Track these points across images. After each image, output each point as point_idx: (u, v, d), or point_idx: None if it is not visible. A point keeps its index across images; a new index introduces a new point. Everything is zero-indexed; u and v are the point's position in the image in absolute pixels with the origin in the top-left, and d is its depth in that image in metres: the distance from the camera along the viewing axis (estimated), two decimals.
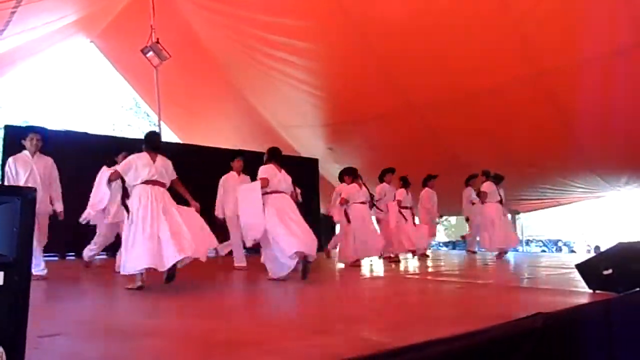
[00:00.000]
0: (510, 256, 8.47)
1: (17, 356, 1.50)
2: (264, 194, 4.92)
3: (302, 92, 9.58)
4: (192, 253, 4.05)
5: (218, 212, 6.39)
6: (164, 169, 4.41)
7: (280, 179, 5.06)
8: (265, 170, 5.01)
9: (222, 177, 6.53)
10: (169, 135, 13.11)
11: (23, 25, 6.83)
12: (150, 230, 4.02)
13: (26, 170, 4.97)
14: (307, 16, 7.73)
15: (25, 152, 5.10)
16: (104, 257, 7.59)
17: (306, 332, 2.54)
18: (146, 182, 4.25)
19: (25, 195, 1.54)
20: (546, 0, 6.13)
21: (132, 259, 4.02)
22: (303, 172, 10.40)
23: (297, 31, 8.01)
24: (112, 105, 25.11)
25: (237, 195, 5.25)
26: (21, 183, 4.80)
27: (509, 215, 9.32)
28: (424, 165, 7.63)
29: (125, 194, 4.35)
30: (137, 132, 23.68)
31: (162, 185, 4.36)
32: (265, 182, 4.91)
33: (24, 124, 16.86)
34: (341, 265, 6.69)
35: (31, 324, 1.60)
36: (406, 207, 7.81)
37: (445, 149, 8.89)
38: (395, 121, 8.98)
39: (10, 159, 5.05)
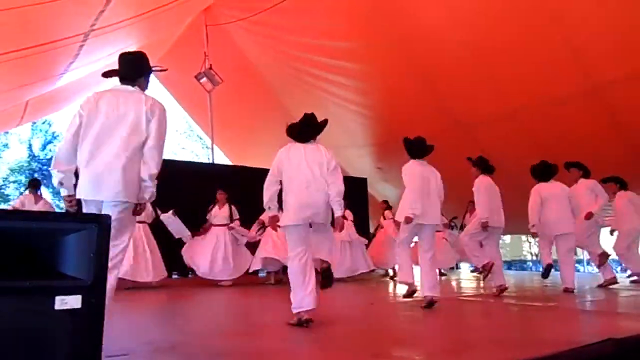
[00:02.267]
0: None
1: None
2: None
3: (351, 112, 9.64)
4: None
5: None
6: None
7: None
8: None
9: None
10: (221, 158, 13.48)
11: (89, 57, 7.28)
12: None
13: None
14: (354, 38, 7.82)
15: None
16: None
17: (364, 356, 2.52)
18: None
19: (102, 222, 1.64)
20: (598, 12, 5.93)
21: None
22: (352, 191, 10.39)
23: (344, 53, 8.11)
24: (167, 130, 26.09)
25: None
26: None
27: None
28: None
29: None
30: (191, 155, 24.51)
31: None
32: None
33: None
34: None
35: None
36: None
37: (496, 167, 8.63)
38: (443, 140, 8.77)
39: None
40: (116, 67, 3.10)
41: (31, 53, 5.98)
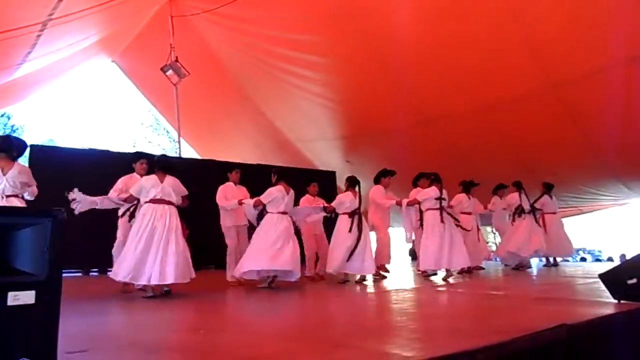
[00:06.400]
0: (533, 266, 8.33)
1: None
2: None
3: (318, 106, 9.66)
4: (174, 280, 4.51)
5: None
6: (172, 188, 4.75)
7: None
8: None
9: None
10: (188, 151, 13.29)
11: (48, 47, 7.05)
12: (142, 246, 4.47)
13: None
14: (322, 31, 7.84)
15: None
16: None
17: (328, 346, 2.54)
18: (152, 201, 4.65)
19: (56, 216, 1.61)
20: (558, 11, 6.12)
21: (121, 269, 4.51)
22: (321, 184, 10.42)
23: (312, 46, 8.12)
24: (133, 123, 25.63)
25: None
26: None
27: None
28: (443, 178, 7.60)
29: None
30: (157, 149, 24.08)
31: (168, 203, 4.70)
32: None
33: (48, 143, 17.22)
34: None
35: (60, 340, 1.65)
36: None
37: (462, 161, 8.83)
38: (411, 134, 8.98)
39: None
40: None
41: None
